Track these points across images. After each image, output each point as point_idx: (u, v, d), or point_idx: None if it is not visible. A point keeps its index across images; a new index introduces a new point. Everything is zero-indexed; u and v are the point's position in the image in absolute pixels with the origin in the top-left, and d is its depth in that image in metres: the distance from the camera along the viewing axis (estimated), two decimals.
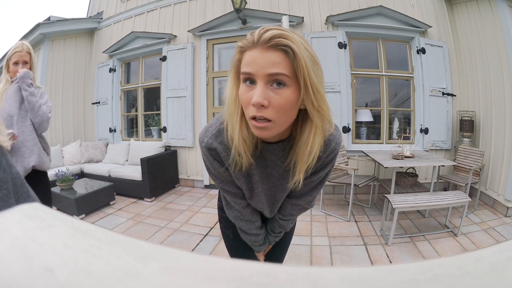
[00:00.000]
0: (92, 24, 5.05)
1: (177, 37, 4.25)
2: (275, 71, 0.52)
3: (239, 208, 0.85)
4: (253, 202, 0.84)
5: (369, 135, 3.97)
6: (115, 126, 4.82)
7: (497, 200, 3.02)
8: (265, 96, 0.53)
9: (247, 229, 0.89)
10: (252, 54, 0.54)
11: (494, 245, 0.15)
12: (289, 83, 0.54)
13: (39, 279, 0.13)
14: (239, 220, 0.88)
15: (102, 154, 4.53)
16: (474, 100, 3.53)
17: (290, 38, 0.52)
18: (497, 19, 3.05)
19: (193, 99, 4.12)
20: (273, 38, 0.52)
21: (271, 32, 0.52)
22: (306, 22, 3.77)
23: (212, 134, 0.69)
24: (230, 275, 0.13)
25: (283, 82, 0.53)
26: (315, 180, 0.78)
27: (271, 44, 0.52)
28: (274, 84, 0.54)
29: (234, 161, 0.67)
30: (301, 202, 0.84)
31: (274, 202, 0.85)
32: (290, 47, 0.52)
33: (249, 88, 0.55)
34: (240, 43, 0.57)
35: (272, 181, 0.77)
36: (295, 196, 0.84)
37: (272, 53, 0.52)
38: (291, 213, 0.88)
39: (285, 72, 0.53)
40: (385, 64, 3.76)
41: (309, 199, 0.83)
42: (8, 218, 0.17)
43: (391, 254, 2.15)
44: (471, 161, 3.08)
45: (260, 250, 0.96)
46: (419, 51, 3.64)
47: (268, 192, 0.81)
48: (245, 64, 0.55)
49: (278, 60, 0.52)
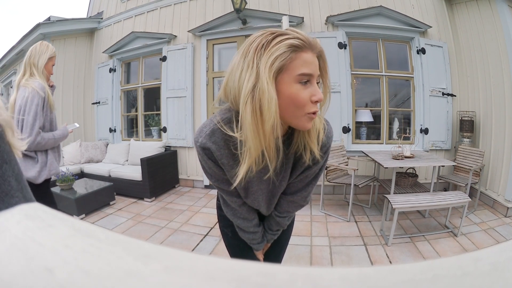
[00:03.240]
0: (92, 24, 5.05)
1: (177, 37, 4.25)
2: (319, 73, 0.64)
3: (235, 206, 0.86)
4: (248, 200, 0.85)
5: (369, 135, 3.97)
6: (115, 126, 4.82)
7: (497, 200, 3.02)
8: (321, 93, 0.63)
9: (245, 227, 0.90)
10: (310, 56, 0.60)
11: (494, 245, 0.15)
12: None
13: (39, 279, 0.13)
14: (236, 218, 0.89)
15: (102, 154, 4.53)
16: (474, 100, 3.53)
17: None
18: (497, 19, 3.05)
19: (193, 99, 4.12)
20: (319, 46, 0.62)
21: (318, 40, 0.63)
22: (306, 22, 3.77)
23: (206, 134, 0.69)
24: (230, 275, 0.13)
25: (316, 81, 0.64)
26: (309, 175, 0.80)
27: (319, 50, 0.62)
28: None
29: (247, 171, 0.66)
30: (297, 198, 0.85)
31: (271, 198, 0.86)
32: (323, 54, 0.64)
33: (305, 87, 0.61)
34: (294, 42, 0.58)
35: (269, 178, 0.77)
36: (290, 192, 0.85)
37: (315, 58, 0.62)
38: (287, 210, 0.89)
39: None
40: (385, 64, 3.76)
41: (304, 195, 0.84)
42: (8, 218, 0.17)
43: (391, 254, 2.15)
44: (471, 161, 3.08)
45: (259, 249, 0.97)
46: (419, 51, 3.64)
47: (266, 189, 0.82)
48: (305, 65, 0.59)
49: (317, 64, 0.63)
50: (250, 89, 0.58)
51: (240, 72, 0.60)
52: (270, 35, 0.59)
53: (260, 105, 0.57)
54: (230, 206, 0.88)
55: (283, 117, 0.63)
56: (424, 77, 3.64)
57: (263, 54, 0.58)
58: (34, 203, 0.19)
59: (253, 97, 0.58)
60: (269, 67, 0.57)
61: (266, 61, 0.57)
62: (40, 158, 1.48)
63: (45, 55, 1.50)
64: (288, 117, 0.63)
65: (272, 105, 0.57)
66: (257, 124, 0.59)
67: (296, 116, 0.62)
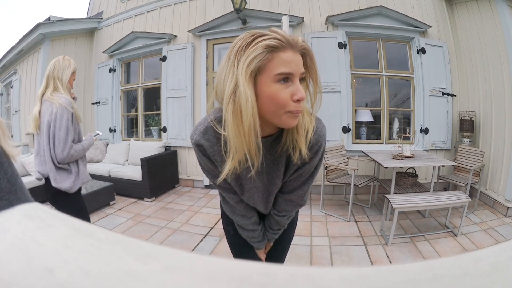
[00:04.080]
0: (92, 24, 5.05)
1: (177, 37, 4.25)
2: (303, 71, 0.62)
3: (233, 203, 0.88)
4: (245, 197, 0.86)
5: (369, 135, 3.97)
6: (115, 126, 4.82)
7: (497, 200, 3.02)
8: (303, 91, 0.62)
9: (244, 224, 0.91)
10: (289, 55, 0.60)
11: (494, 245, 0.15)
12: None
13: (39, 279, 0.13)
14: (235, 215, 0.91)
15: (102, 154, 4.53)
16: (474, 100, 3.53)
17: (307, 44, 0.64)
18: (497, 19, 3.05)
19: (193, 99, 4.12)
20: (302, 43, 0.62)
21: (300, 38, 0.62)
22: (306, 22, 3.77)
23: (200, 132, 0.73)
24: (230, 275, 0.13)
25: (302, 79, 0.64)
26: (304, 174, 0.80)
27: (301, 48, 0.62)
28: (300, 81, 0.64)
29: (232, 169, 0.68)
30: (293, 197, 0.85)
31: (267, 196, 0.86)
32: (308, 52, 0.64)
33: (285, 86, 0.61)
34: (270, 43, 0.58)
35: (263, 175, 0.79)
36: (287, 191, 0.86)
37: (298, 56, 0.62)
38: (285, 209, 0.90)
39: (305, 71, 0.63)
40: (385, 64, 3.76)
41: (301, 194, 0.85)
42: (8, 218, 0.17)
43: (391, 254, 2.15)
44: (471, 161, 3.08)
45: (260, 247, 0.97)
46: (419, 51, 3.64)
47: (261, 187, 0.82)
48: (283, 65, 0.59)
49: (301, 62, 0.63)
50: (231, 91, 0.60)
51: (224, 75, 0.62)
52: (250, 37, 0.60)
53: (240, 106, 0.60)
54: (228, 203, 0.89)
55: (265, 117, 0.64)
56: (424, 77, 3.64)
57: (242, 56, 0.59)
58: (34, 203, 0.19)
59: (234, 99, 0.60)
60: (246, 69, 0.59)
61: (244, 63, 0.59)
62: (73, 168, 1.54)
63: (68, 69, 1.54)
64: (270, 116, 0.63)
65: (248, 106, 0.58)
66: (238, 124, 0.61)
67: (277, 115, 0.62)
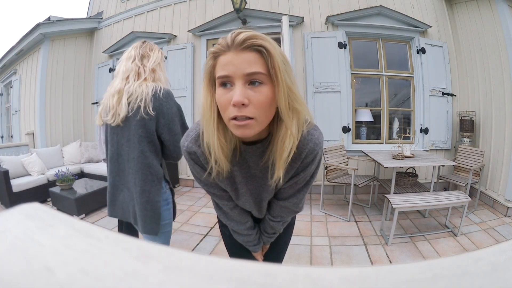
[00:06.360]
0: (92, 24, 5.04)
1: (177, 37, 4.25)
2: (252, 70, 0.54)
3: (227, 210, 0.86)
4: (240, 202, 0.85)
5: (369, 135, 3.97)
6: None
7: (497, 200, 3.02)
8: (245, 94, 0.54)
9: (238, 229, 0.91)
10: (227, 57, 0.55)
11: (494, 245, 0.15)
12: (266, 81, 0.56)
13: (39, 279, 0.13)
14: (229, 221, 0.90)
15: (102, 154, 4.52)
16: (474, 100, 3.53)
17: (264, 38, 0.55)
18: (497, 19, 3.05)
19: (193, 99, 4.12)
20: (247, 39, 0.54)
21: (244, 34, 0.54)
22: (306, 22, 3.77)
23: (192, 138, 0.70)
24: (230, 275, 0.13)
25: (260, 80, 0.55)
26: (300, 182, 0.77)
27: (245, 45, 0.54)
28: (252, 84, 0.55)
29: (214, 169, 0.67)
30: (288, 204, 0.83)
31: (260, 202, 0.85)
32: (264, 47, 0.54)
33: (227, 91, 0.56)
34: (213, 49, 0.58)
35: (256, 181, 0.77)
36: (282, 198, 0.83)
37: (247, 54, 0.54)
38: (280, 215, 0.88)
39: (261, 70, 0.55)
40: (385, 64, 3.76)
41: (296, 201, 0.82)
42: (8, 218, 0.17)
43: (391, 254, 2.15)
44: (471, 161, 3.08)
45: (256, 250, 0.97)
46: (419, 51, 3.64)
47: (254, 192, 0.81)
48: (221, 68, 0.56)
49: (254, 60, 0.54)
50: (203, 98, 0.62)
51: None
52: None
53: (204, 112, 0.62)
54: (222, 210, 0.88)
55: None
56: (424, 77, 3.64)
57: None
58: (34, 203, 0.19)
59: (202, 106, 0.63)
60: (204, 78, 0.61)
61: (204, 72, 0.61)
62: None
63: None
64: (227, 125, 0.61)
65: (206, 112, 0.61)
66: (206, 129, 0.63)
67: (227, 123, 0.59)
